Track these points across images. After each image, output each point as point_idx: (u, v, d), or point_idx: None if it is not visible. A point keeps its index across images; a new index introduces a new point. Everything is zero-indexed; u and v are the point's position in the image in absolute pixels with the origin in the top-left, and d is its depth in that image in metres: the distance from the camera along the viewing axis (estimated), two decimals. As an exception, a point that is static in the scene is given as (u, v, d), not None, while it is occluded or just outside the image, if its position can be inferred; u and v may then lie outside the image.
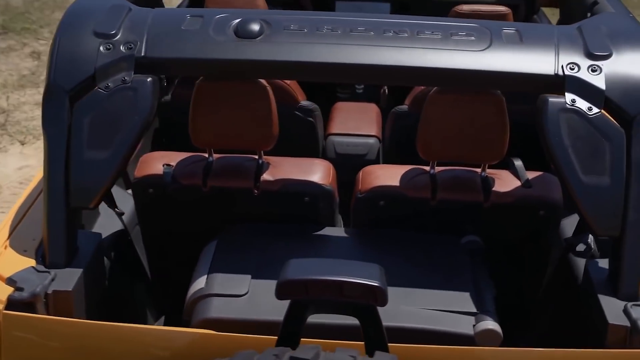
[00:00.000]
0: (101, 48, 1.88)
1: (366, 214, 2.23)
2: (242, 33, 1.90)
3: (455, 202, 2.16)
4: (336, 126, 3.01)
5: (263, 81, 2.14)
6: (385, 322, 1.53)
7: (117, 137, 1.82)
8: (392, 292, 1.55)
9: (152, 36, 1.93)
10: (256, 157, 2.21)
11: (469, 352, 1.64)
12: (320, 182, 2.22)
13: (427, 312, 1.85)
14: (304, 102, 2.89)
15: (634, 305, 1.66)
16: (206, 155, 2.21)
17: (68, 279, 1.79)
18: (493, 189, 2.14)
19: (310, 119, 2.86)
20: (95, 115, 1.84)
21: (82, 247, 1.91)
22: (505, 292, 2.07)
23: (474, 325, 1.81)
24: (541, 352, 1.60)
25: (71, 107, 1.84)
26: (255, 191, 2.16)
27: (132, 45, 1.89)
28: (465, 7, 2.87)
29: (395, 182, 2.19)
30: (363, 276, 1.46)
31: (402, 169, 2.23)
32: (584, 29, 1.92)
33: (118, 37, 1.91)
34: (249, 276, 1.91)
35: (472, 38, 1.91)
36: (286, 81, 2.79)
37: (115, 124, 1.82)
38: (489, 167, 2.18)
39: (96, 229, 2.20)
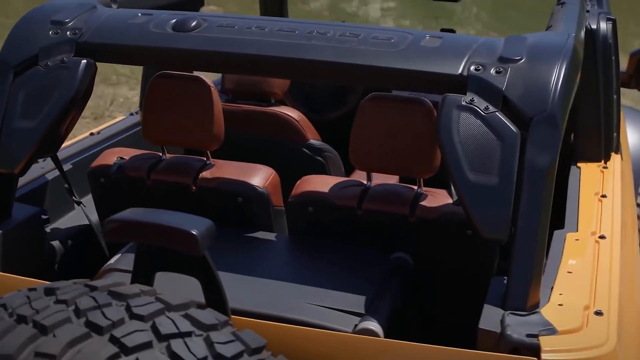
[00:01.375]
0: (50, 32, 2.03)
1: (296, 219, 2.23)
2: (178, 27, 2.02)
3: (381, 213, 2.12)
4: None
5: (208, 80, 2.25)
6: (268, 311, 1.64)
7: (45, 108, 1.94)
8: (289, 288, 1.67)
9: (98, 26, 2.06)
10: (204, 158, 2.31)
11: (327, 335, 1.62)
12: (255, 184, 2.26)
13: (314, 307, 1.82)
14: (314, 141, 2.81)
15: (510, 313, 1.58)
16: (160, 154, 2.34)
17: None
18: (421, 203, 2.10)
19: (320, 158, 2.77)
20: (30, 89, 1.97)
21: (14, 217, 2.10)
22: (436, 311, 2.06)
23: (355, 325, 1.79)
24: (406, 345, 1.55)
25: (13, 82, 1.99)
26: (193, 188, 2.25)
27: (77, 32, 2.03)
28: None
29: (327, 190, 2.18)
30: (183, 224, 1.44)
31: (340, 180, 2.24)
32: (511, 39, 1.91)
33: (69, 25, 2.05)
34: None
35: (392, 40, 1.90)
36: (295, 117, 2.78)
37: (46, 98, 1.95)
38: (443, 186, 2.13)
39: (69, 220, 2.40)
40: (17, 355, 1.26)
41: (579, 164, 2.49)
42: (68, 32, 2.03)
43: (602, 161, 2.53)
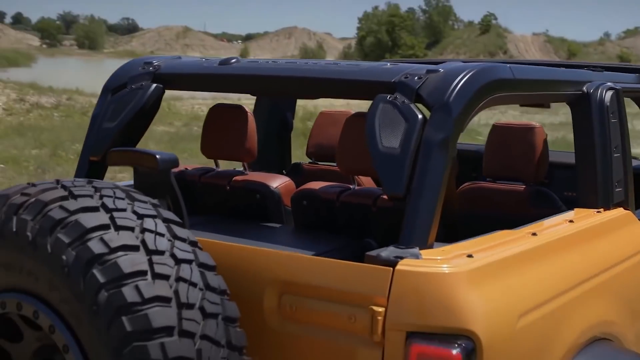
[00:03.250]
0: (139, 68, 2.76)
1: (296, 211, 2.75)
2: (222, 62, 2.72)
3: (351, 205, 2.59)
4: None
5: (247, 109, 2.95)
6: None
7: (121, 115, 2.62)
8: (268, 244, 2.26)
9: (170, 64, 2.79)
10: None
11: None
12: (270, 184, 2.86)
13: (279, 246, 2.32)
14: None
15: (394, 246, 1.99)
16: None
17: None
18: (382, 196, 2.50)
19: None
20: (116, 103, 2.67)
21: None
22: None
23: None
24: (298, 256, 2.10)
25: (108, 99, 2.72)
26: (227, 187, 2.92)
27: (156, 68, 2.75)
28: None
29: (318, 188, 2.69)
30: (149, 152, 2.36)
31: (333, 184, 2.73)
32: (447, 62, 2.54)
33: (154, 64, 2.77)
34: None
35: (332, 61, 2.49)
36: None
37: (124, 108, 2.64)
38: None
39: None
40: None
41: (575, 209, 2.77)
42: (151, 68, 2.74)
43: (600, 209, 2.76)
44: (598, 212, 2.74)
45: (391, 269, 1.91)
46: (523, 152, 2.91)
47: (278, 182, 2.88)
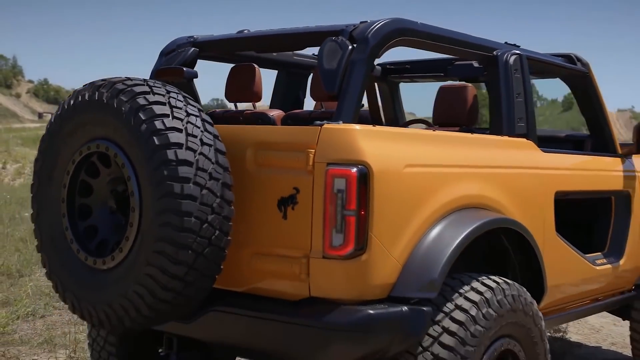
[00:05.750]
0: (184, 39, 4.20)
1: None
2: (238, 32, 4.13)
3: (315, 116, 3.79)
4: None
5: (254, 65, 4.22)
6: None
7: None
8: None
9: (204, 35, 4.20)
10: None
11: None
12: (268, 114, 4.00)
13: None
14: None
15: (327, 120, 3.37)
16: None
17: None
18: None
19: None
20: (168, 60, 3.93)
21: None
22: None
23: None
24: None
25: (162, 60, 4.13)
26: (241, 117, 4.14)
27: (195, 38, 4.16)
28: None
29: None
30: None
31: None
32: None
33: (194, 36, 4.19)
34: None
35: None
36: None
37: (172, 63, 4.03)
38: None
39: None
40: None
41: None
42: (191, 39, 4.11)
43: (505, 136, 3.94)
44: (502, 137, 3.90)
45: (319, 127, 3.13)
46: (458, 104, 4.09)
47: (274, 112, 4.09)
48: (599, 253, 4.66)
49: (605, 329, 6.85)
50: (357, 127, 3.14)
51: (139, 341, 4.16)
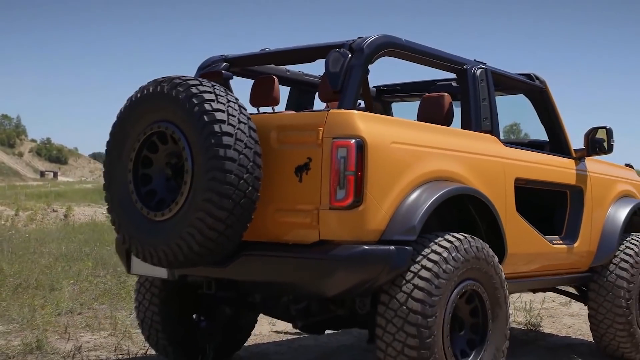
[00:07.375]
0: (219, 57, 5.24)
1: None
2: (261, 50, 5.15)
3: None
4: None
5: (274, 77, 5.40)
6: None
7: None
8: None
9: (234, 54, 5.19)
10: None
11: None
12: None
13: None
14: None
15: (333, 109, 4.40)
16: None
17: None
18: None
19: None
20: (204, 75, 4.84)
21: None
22: None
23: None
24: None
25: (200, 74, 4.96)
26: None
27: (226, 56, 5.23)
28: None
29: None
30: None
31: None
32: None
33: (225, 55, 5.26)
34: None
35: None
36: None
37: (211, 77, 4.63)
38: None
39: None
40: None
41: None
42: (223, 56, 5.15)
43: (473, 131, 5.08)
44: (471, 131, 4.92)
45: (327, 112, 4.13)
46: (437, 109, 5.11)
47: (289, 112, 5.10)
48: (557, 236, 5.65)
49: (576, 326, 7.77)
50: (355, 112, 4.15)
51: (177, 305, 5.14)
